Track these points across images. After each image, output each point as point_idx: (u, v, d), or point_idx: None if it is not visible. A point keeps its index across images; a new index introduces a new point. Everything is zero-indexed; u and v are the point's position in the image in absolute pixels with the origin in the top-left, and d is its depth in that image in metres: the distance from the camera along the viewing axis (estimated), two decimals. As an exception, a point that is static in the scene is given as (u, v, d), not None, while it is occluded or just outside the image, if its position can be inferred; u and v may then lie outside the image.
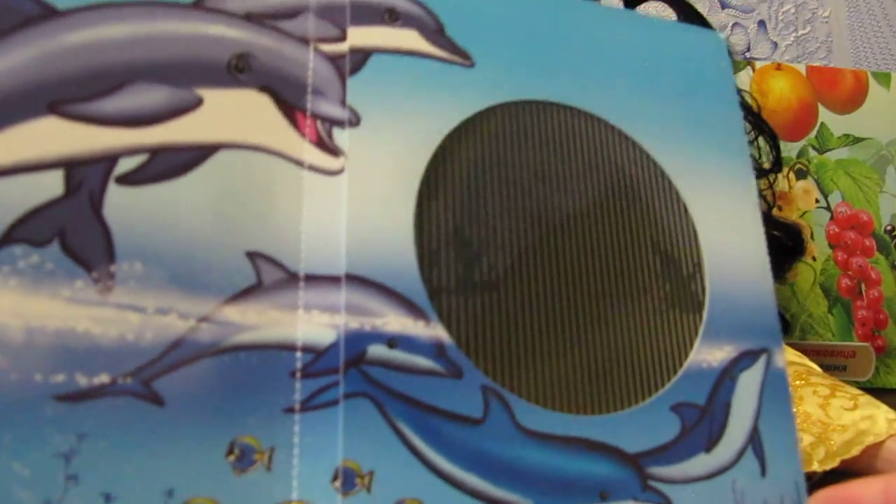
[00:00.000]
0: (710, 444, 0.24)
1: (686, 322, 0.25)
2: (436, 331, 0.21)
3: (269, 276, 0.20)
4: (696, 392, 0.24)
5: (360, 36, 0.23)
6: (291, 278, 0.20)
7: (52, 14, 0.19)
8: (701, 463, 0.23)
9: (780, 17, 0.82)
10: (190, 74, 0.20)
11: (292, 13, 0.22)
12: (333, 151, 0.21)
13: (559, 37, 0.26)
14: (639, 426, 0.23)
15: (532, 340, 0.23)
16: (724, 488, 0.23)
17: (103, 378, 0.18)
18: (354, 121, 0.22)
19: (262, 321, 0.19)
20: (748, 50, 0.80)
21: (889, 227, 0.62)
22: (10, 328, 0.17)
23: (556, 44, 0.26)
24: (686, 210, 0.26)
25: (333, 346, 0.20)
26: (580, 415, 0.22)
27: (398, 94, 0.23)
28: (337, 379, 0.19)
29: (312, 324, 0.20)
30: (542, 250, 0.24)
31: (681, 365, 0.24)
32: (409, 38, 0.23)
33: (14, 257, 0.17)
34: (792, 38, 0.82)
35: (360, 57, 0.23)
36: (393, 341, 0.20)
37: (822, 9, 0.83)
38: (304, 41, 0.22)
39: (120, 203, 0.19)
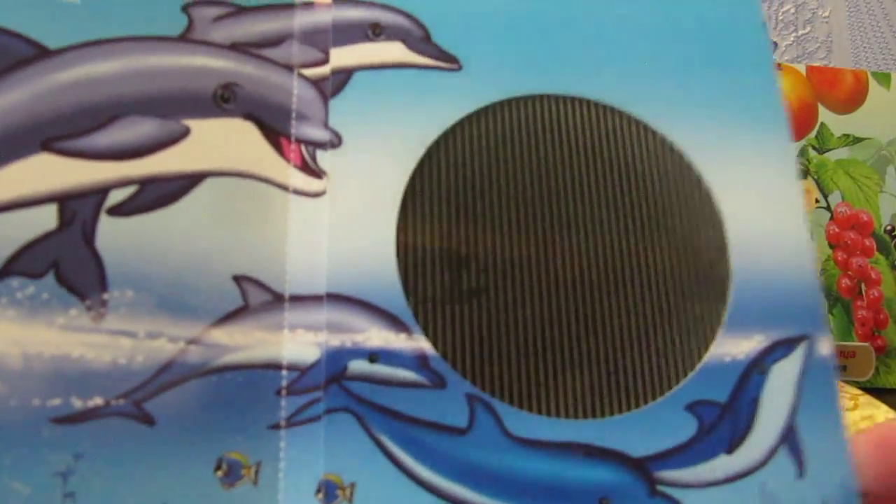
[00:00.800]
0: (732, 445, 0.22)
1: (706, 313, 0.23)
2: (418, 343, 0.21)
3: (255, 298, 0.21)
4: (717, 389, 0.23)
5: (343, 56, 0.23)
6: (277, 299, 0.21)
7: (44, 54, 0.20)
8: (721, 465, 0.22)
9: (780, 17, 0.82)
10: (177, 106, 0.21)
11: (277, 40, 0.23)
12: (317, 174, 0.22)
13: (554, 24, 0.25)
14: (646, 428, 0.22)
15: (524, 344, 0.22)
16: (750, 492, 0.22)
17: (97, 401, 0.19)
18: (336, 142, 0.22)
19: (249, 342, 0.20)
20: (749, 51, 0.80)
21: (889, 227, 0.62)
22: (9, 356, 0.18)
23: (551, 32, 0.25)
24: (709, 192, 0.25)
25: (316, 364, 0.20)
26: (578, 419, 0.22)
27: (380, 109, 0.23)
28: (320, 395, 0.20)
29: (297, 343, 0.21)
30: (539, 247, 0.23)
31: (699, 360, 0.23)
32: (392, 51, 0.24)
33: (12, 289, 0.19)
34: (792, 38, 0.82)
35: (343, 77, 0.23)
36: (374, 356, 0.21)
37: (822, 9, 0.83)
38: (289, 67, 0.23)
39: (111, 234, 0.20)
